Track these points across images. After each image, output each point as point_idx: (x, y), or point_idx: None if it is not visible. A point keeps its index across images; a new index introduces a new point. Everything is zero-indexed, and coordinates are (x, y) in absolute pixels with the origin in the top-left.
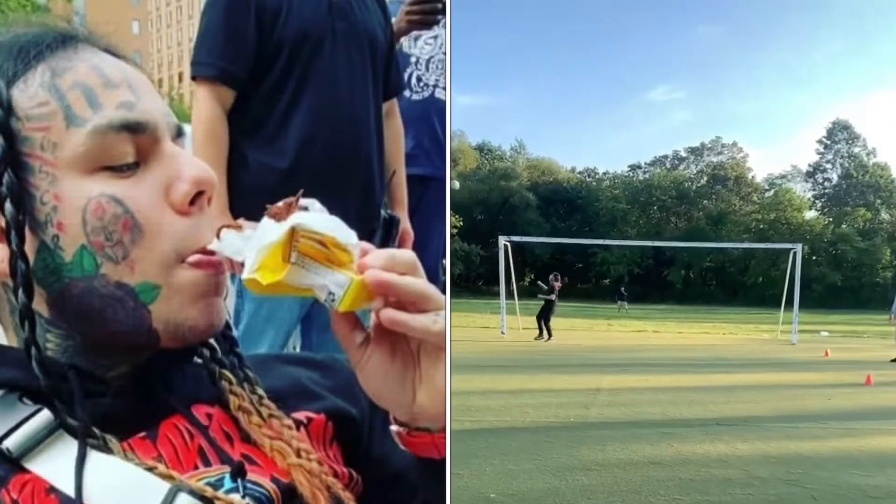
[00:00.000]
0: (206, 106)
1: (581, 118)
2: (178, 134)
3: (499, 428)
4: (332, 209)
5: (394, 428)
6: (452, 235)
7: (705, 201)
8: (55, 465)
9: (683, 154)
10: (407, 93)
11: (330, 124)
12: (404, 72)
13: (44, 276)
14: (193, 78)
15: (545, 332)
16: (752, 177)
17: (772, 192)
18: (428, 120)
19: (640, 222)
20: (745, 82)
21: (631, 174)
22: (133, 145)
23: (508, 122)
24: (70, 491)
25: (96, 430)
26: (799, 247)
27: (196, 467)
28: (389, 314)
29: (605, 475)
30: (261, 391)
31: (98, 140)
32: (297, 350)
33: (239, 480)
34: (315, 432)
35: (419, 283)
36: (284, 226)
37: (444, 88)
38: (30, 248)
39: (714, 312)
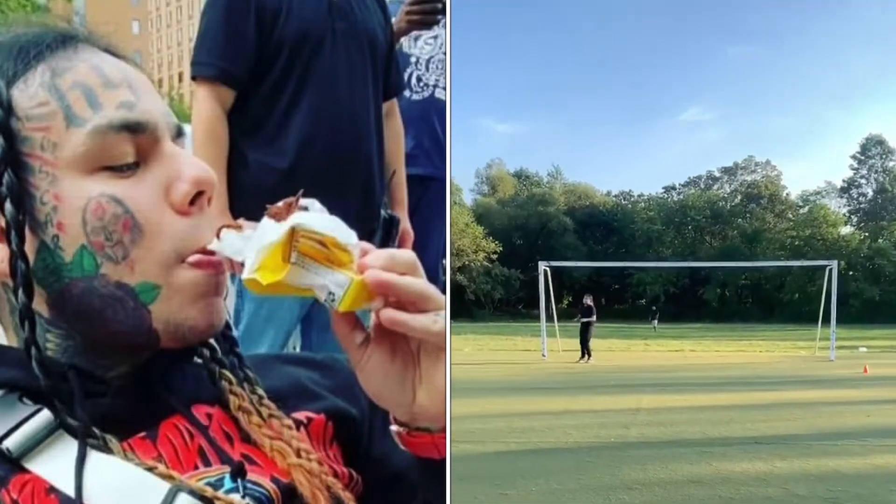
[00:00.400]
0: (206, 106)
1: (615, 142)
2: (178, 134)
3: (543, 448)
4: (332, 209)
5: (394, 428)
6: (492, 260)
7: (739, 220)
8: (55, 465)
9: (717, 174)
10: (407, 93)
11: (330, 124)
12: (404, 72)
13: (44, 276)
14: (193, 78)
15: (586, 353)
16: (787, 194)
17: (806, 209)
18: (428, 120)
19: (676, 242)
20: (777, 100)
21: (665, 195)
22: (133, 145)
23: (545, 149)
24: (70, 491)
25: (96, 430)
26: (835, 263)
27: (196, 467)
28: (389, 314)
29: (647, 494)
30: (261, 391)
31: (98, 140)
32: (297, 350)
33: (239, 480)
34: (315, 432)
35: (419, 283)
36: (284, 226)
37: (444, 88)
38: (30, 248)
39: (751, 330)
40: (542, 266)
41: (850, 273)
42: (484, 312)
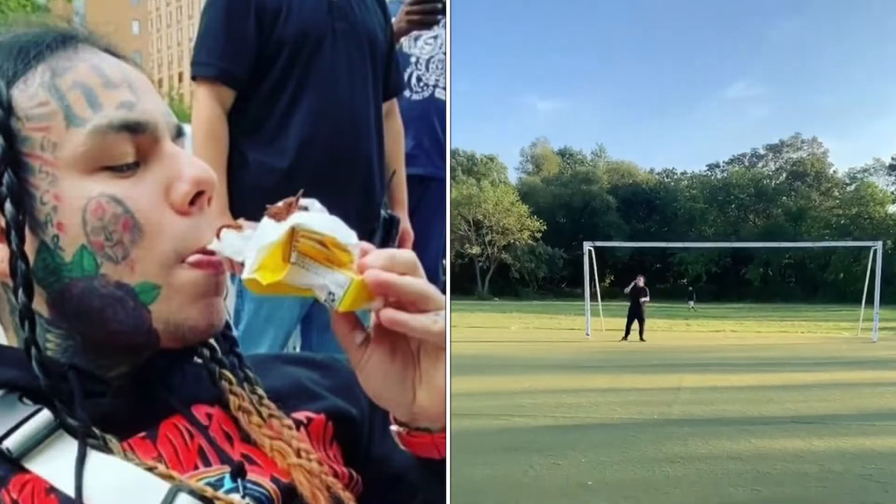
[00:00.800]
0: (206, 106)
1: (659, 119)
2: (178, 134)
3: (590, 423)
4: (332, 209)
5: (394, 428)
6: (536, 239)
7: (784, 198)
8: (55, 465)
9: (762, 151)
10: (407, 93)
11: (330, 124)
12: (404, 72)
13: (44, 276)
14: (193, 78)
15: (630, 332)
16: (833, 172)
17: (853, 187)
18: (428, 120)
19: (718, 221)
20: (826, 75)
21: (709, 173)
22: (133, 145)
23: (588, 127)
24: (70, 491)
25: (96, 430)
26: (879, 244)
27: (196, 467)
28: (389, 314)
29: (689, 467)
30: (261, 391)
31: (98, 140)
32: (297, 350)
33: (239, 480)
34: (315, 432)
35: (419, 283)
36: (284, 226)
37: (444, 88)
38: (30, 248)
39: (793, 310)
40: (587, 246)
41: None
42: (529, 291)
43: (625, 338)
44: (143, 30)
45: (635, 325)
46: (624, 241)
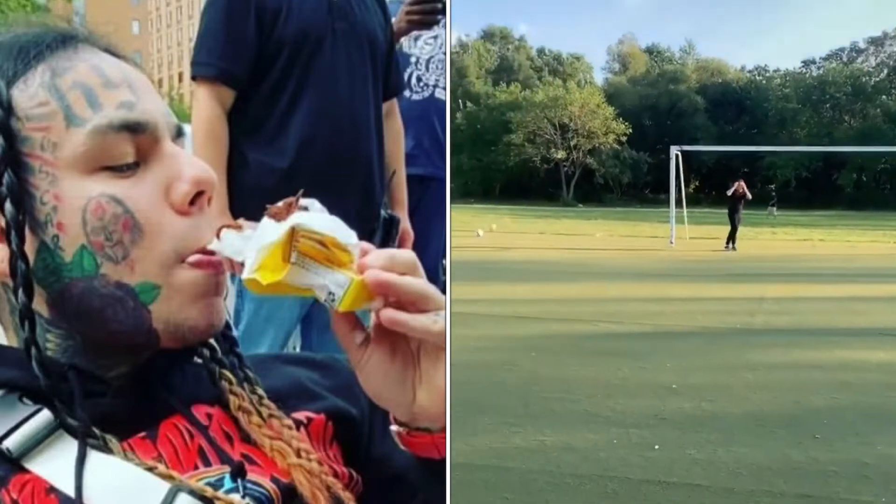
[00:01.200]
0: (206, 106)
1: (753, 8)
2: (178, 134)
3: (674, 331)
4: (332, 209)
5: (394, 428)
6: (621, 143)
7: (884, 97)
8: (55, 465)
9: (862, 45)
10: (407, 93)
11: (330, 124)
12: (404, 72)
13: (44, 276)
14: (193, 78)
15: (719, 240)
16: None
17: None
18: (428, 120)
19: (812, 122)
20: None
21: (804, 70)
22: (133, 145)
23: (676, 21)
24: (70, 491)
25: (96, 430)
26: None
27: (196, 467)
28: (389, 314)
29: (769, 375)
30: (261, 391)
31: (98, 140)
32: (297, 350)
33: (239, 480)
34: (315, 432)
35: (419, 283)
36: (284, 226)
37: (444, 88)
38: (30, 248)
39: (886, 219)
40: (674, 151)
41: None
42: (612, 197)
43: (727, 246)
44: (143, 30)
45: (719, 231)
46: (711, 145)
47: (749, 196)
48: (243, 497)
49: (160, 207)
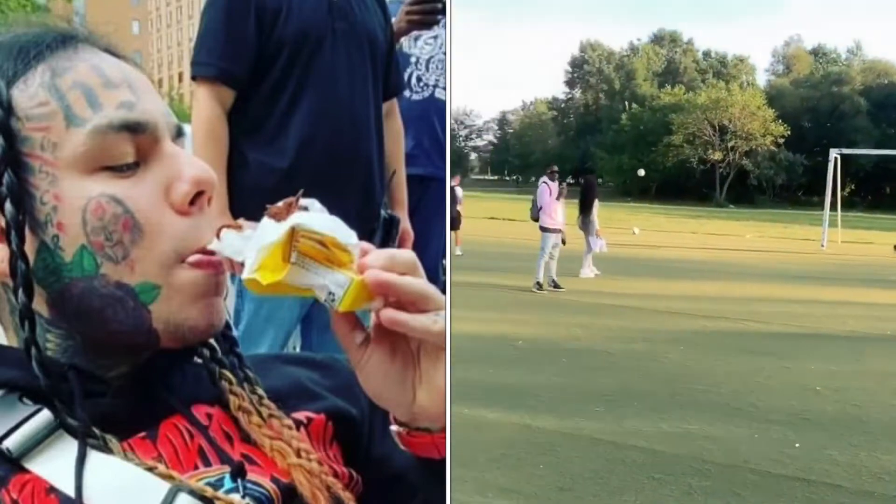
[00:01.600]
0: (206, 106)
1: None
2: (178, 134)
3: (821, 334)
4: (332, 209)
5: (394, 428)
6: (779, 145)
7: None
8: (55, 465)
9: None
10: (407, 93)
11: (330, 124)
12: (404, 72)
13: (44, 276)
14: (193, 78)
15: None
16: None
17: None
18: (428, 120)
19: None
20: None
21: None
22: (133, 145)
23: (845, 20)
24: (70, 491)
25: (96, 430)
26: None
27: (196, 467)
28: (389, 314)
29: None
30: (261, 391)
31: (98, 140)
32: (297, 350)
33: (239, 480)
34: (315, 432)
35: (419, 283)
36: (284, 226)
37: (444, 88)
38: (30, 248)
39: None
40: (834, 154)
41: None
42: (764, 199)
43: None
44: (143, 30)
45: (877, 236)
46: (872, 147)
47: None
48: (243, 497)
49: (160, 207)
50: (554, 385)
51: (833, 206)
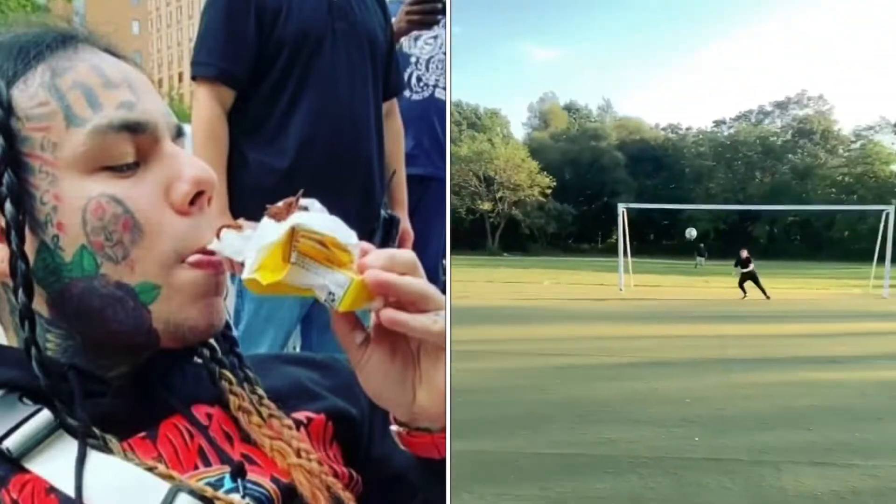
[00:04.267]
0: (206, 106)
1: (661, 67)
2: (178, 134)
3: (660, 362)
4: (332, 209)
5: (394, 428)
6: (545, 195)
7: (790, 155)
8: (55, 465)
9: (768, 108)
10: (407, 93)
11: (330, 124)
12: (404, 72)
13: (44, 276)
14: (193, 78)
15: (745, 291)
16: (839, 129)
17: (858, 145)
18: (428, 120)
19: (726, 178)
20: (831, 29)
21: (716, 130)
22: (133, 145)
23: (591, 78)
24: (70, 491)
25: (96, 430)
26: (892, 208)
27: (196, 467)
28: (389, 314)
29: (755, 390)
30: (261, 391)
31: (98, 140)
32: (297, 350)
33: (239, 480)
34: (315, 432)
35: (419, 283)
36: (284, 226)
37: (444, 88)
38: (30, 248)
39: (799, 268)
40: (621, 207)
41: None
42: (537, 247)
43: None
44: (143, 30)
45: (646, 279)
46: (632, 198)
47: (751, 261)
48: (243, 497)
49: (160, 207)
50: None
51: (605, 252)
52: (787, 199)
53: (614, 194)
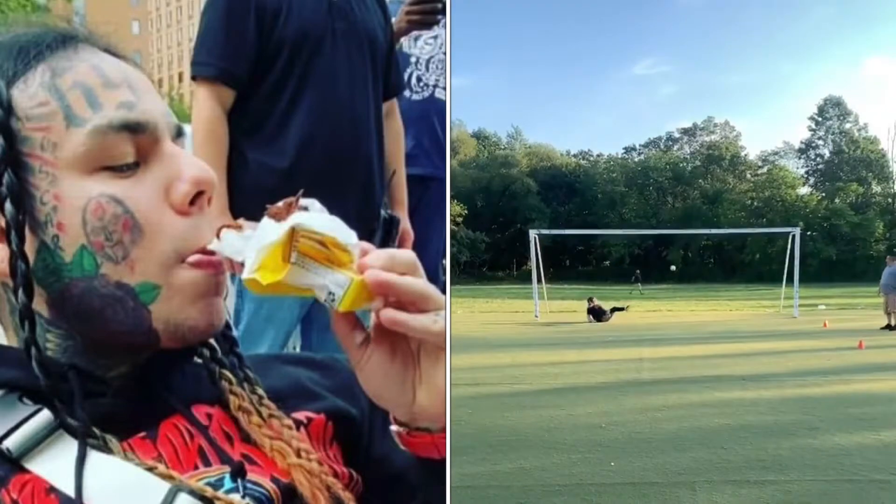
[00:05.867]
0: (206, 106)
1: (570, 96)
2: (178, 134)
3: (578, 386)
4: (332, 209)
5: (394, 428)
6: (457, 223)
7: (700, 181)
8: (55, 465)
9: (677, 135)
10: (407, 93)
11: (330, 124)
12: (404, 72)
13: (44, 276)
14: (193, 78)
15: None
16: (746, 154)
17: (765, 170)
18: (428, 120)
19: (639, 203)
20: (731, 54)
21: (626, 156)
22: (133, 145)
23: (500, 105)
24: (70, 491)
25: (96, 430)
26: (797, 230)
27: (196, 467)
28: (389, 314)
29: (672, 413)
30: (261, 391)
31: (98, 140)
32: (297, 350)
33: (239, 480)
34: (315, 432)
35: (419, 283)
36: (284, 226)
37: (444, 88)
38: (30, 248)
39: (714, 290)
40: (533, 234)
41: (809, 233)
42: (451, 276)
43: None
44: (143, 30)
45: (561, 305)
46: (545, 224)
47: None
48: (243, 497)
49: (160, 207)
50: None
51: (520, 279)
52: (698, 223)
53: (527, 221)
